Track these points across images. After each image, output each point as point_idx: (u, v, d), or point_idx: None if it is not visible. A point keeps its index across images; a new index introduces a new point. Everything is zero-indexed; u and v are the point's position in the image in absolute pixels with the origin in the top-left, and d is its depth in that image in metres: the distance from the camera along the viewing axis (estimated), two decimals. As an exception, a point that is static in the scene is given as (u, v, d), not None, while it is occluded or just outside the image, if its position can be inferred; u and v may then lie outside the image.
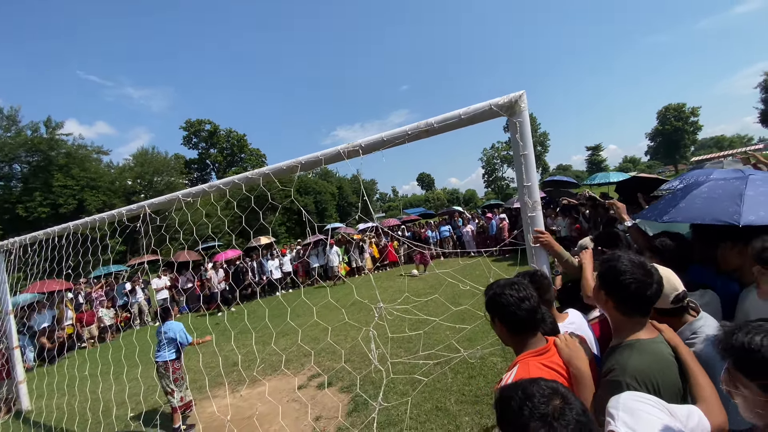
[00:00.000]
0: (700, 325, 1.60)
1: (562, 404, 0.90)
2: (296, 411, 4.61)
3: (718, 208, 2.06)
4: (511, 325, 1.50)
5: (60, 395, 5.81)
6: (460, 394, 4.23)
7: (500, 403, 0.98)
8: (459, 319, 6.15)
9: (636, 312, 1.40)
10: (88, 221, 4.68)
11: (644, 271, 1.38)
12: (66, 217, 21.94)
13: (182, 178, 39.76)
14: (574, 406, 0.91)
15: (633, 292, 1.36)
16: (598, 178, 14.00)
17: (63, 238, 4.95)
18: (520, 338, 1.51)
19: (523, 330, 1.50)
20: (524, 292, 1.47)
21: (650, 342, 1.38)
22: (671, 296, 1.57)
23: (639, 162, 79.71)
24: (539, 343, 1.50)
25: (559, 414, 0.88)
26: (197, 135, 46.97)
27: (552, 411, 0.89)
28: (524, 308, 1.45)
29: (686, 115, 59.92)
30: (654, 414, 1.06)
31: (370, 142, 2.80)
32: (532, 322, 1.49)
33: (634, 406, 1.08)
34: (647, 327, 1.42)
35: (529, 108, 2.43)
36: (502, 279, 1.62)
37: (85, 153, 28.56)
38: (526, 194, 2.43)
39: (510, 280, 1.57)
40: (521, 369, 1.39)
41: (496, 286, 1.55)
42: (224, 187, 3.62)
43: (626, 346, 1.37)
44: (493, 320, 1.56)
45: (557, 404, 0.90)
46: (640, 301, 1.38)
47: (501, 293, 1.49)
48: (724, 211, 2.00)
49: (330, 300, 8.73)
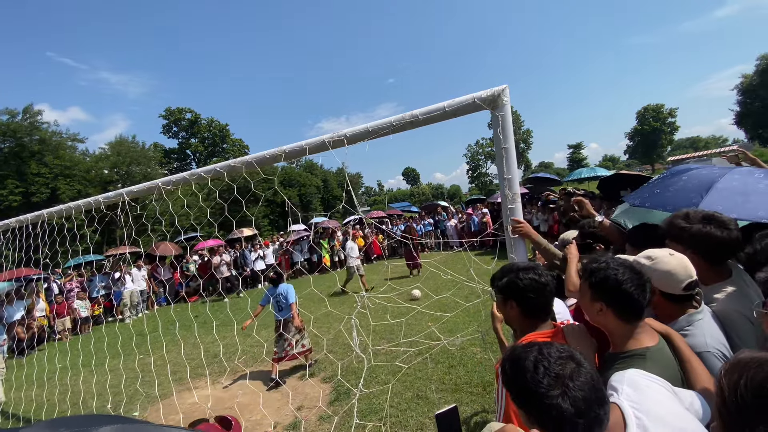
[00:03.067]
0: (699, 318, 1.54)
1: (577, 367, 0.90)
2: (278, 401, 4.63)
3: (682, 197, 2.09)
4: (528, 308, 1.52)
5: (35, 386, 5.67)
6: (440, 382, 4.32)
7: (512, 362, 0.97)
8: (440, 308, 6.25)
9: (639, 317, 1.36)
10: (63, 209, 4.54)
11: (638, 273, 1.36)
12: (39, 206, 21.11)
13: (161, 168, 38.76)
14: (588, 370, 0.91)
15: (637, 299, 1.32)
16: (584, 173, 14.29)
17: (37, 226, 4.80)
18: (532, 321, 1.53)
19: (537, 315, 1.52)
20: (545, 278, 1.49)
21: (657, 350, 1.34)
22: (684, 282, 1.51)
23: (618, 161, 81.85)
24: (546, 327, 1.53)
25: (575, 376, 0.88)
26: (177, 124, 45.68)
27: (568, 373, 0.89)
28: (546, 294, 1.48)
29: (664, 115, 61.55)
30: (658, 392, 1.06)
31: (356, 132, 2.81)
32: (547, 307, 1.52)
33: (639, 381, 1.08)
34: (646, 330, 1.39)
35: (513, 106, 2.49)
36: (518, 262, 1.62)
37: (59, 140, 27.50)
38: (506, 186, 2.48)
39: (529, 264, 1.57)
40: None
41: (516, 268, 1.55)
42: (206, 176, 3.57)
43: (637, 356, 1.32)
44: (506, 301, 1.57)
45: (572, 367, 0.90)
46: (641, 306, 1.34)
47: (524, 277, 1.50)
48: (687, 201, 2.02)
49: (313, 289, 8.72)
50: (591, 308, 1.41)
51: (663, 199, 2.23)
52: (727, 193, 1.97)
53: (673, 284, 1.51)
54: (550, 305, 1.52)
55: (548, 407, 0.87)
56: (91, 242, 6.97)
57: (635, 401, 1.01)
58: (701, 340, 1.47)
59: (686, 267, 1.52)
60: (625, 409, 0.99)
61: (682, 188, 2.20)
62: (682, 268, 1.51)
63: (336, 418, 3.89)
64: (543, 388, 0.88)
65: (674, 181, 2.31)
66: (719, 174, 2.13)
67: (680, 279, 1.50)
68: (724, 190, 1.99)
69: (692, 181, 2.19)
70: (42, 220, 4.78)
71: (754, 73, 41.87)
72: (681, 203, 2.03)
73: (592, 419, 0.86)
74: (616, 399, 1.03)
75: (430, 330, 5.57)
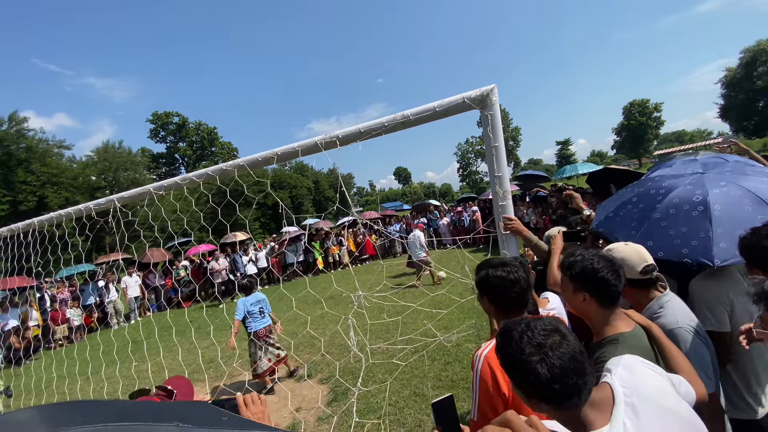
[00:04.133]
0: (667, 300, 1.69)
1: (560, 340, 0.97)
2: (276, 403, 4.63)
3: (625, 224, 2.15)
4: (500, 304, 1.58)
5: (32, 395, 5.60)
6: (437, 379, 4.37)
7: (502, 334, 1.04)
8: (435, 306, 6.31)
9: (615, 302, 1.45)
10: (54, 216, 4.49)
11: (610, 260, 1.46)
12: (27, 214, 20.79)
13: (150, 173, 38.35)
14: (571, 343, 0.97)
15: (614, 284, 1.42)
16: (567, 171, 14.52)
17: (28, 234, 4.74)
18: (506, 315, 1.58)
19: (510, 309, 1.57)
20: (515, 275, 1.53)
21: (632, 336, 1.43)
22: (640, 266, 1.66)
23: (606, 156, 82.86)
24: None
25: (556, 346, 0.95)
26: (165, 128, 45.22)
27: (549, 343, 0.96)
28: (515, 291, 1.52)
29: (650, 110, 62.43)
30: (652, 377, 1.10)
31: (348, 134, 2.84)
32: (520, 303, 1.56)
33: (635, 366, 1.12)
34: (622, 317, 1.49)
35: (501, 104, 2.54)
36: (495, 258, 1.66)
37: (46, 147, 27.10)
38: (497, 184, 2.53)
39: (503, 261, 1.61)
40: None
41: (489, 265, 1.59)
42: (197, 180, 3.56)
43: (611, 341, 1.42)
44: (482, 297, 1.63)
45: (555, 339, 0.97)
46: (618, 291, 1.43)
47: (494, 274, 1.55)
48: (627, 230, 2.09)
49: (309, 291, 8.72)
50: (574, 299, 1.51)
51: (611, 226, 2.26)
52: (660, 225, 1.99)
53: (630, 269, 1.65)
54: (522, 300, 1.56)
55: (527, 372, 0.95)
56: (82, 250, 6.87)
57: (627, 382, 1.05)
58: (672, 319, 1.62)
59: (640, 253, 1.69)
60: (616, 387, 1.04)
61: (629, 213, 2.21)
62: (636, 254, 1.68)
63: (335, 418, 3.92)
64: (524, 355, 0.96)
65: (627, 201, 2.30)
66: (664, 194, 2.10)
67: (635, 263, 1.66)
68: (658, 220, 2.01)
69: (639, 204, 2.20)
70: (33, 229, 4.72)
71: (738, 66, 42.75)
72: (623, 234, 2.09)
73: (569, 387, 0.93)
74: (609, 379, 1.08)
75: (426, 327, 5.63)
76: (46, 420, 0.52)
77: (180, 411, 0.66)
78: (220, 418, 0.63)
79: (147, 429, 0.53)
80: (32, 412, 0.56)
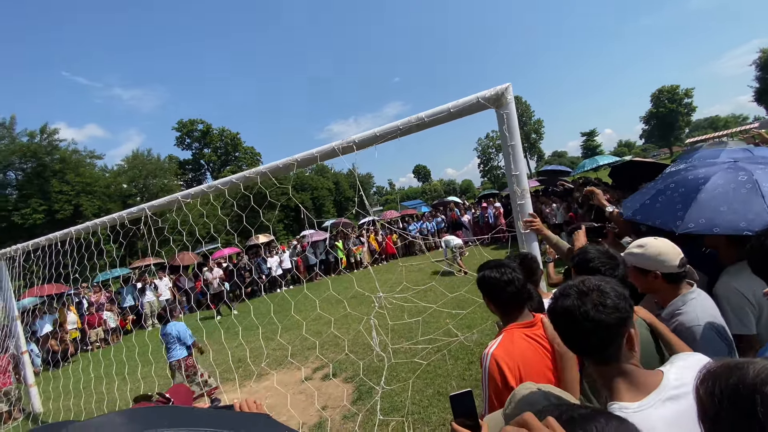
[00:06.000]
0: (693, 297, 1.65)
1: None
2: (303, 402, 4.74)
3: (669, 209, 2.11)
4: (498, 303, 1.64)
5: (71, 396, 5.94)
6: (460, 379, 4.36)
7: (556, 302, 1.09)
8: (457, 306, 6.30)
9: None
10: (90, 225, 4.76)
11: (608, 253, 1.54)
12: (63, 223, 21.91)
13: (177, 179, 39.63)
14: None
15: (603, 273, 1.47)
16: (587, 165, 14.19)
17: (66, 243, 5.02)
18: (507, 312, 1.64)
19: (509, 307, 1.63)
20: (509, 276, 1.58)
21: None
22: (677, 260, 1.64)
23: (634, 146, 79.92)
24: (526, 318, 1.62)
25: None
26: (190, 135, 46.66)
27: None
28: (509, 291, 1.57)
29: (680, 96, 59.97)
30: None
31: (364, 138, 2.90)
32: (516, 302, 1.61)
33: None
34: None
35: (523, 96, 2.55)
36: (492, 260, 1.71)
37: (79, 158, 28.43)
38: (514, 183, 2.54)
39: (499, 262, 1.66)
40: (506, 338, 1.53)
41: (486, 267, 1.66)
42: (222, 187, 3.71)
43: None
44: (484, 297, 1.70)
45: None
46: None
47: (489, 276, 1.61)
48: (672, 214, 2.05)
49: (332, 292, 8.86)
50: None
51: (651, 212, 2.22)
52: (711, 204, 1.95)
53: (669, 263, 1.63)
54: (518, 299, 1.61)
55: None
56: (116, 256, 7.22)
57: (683, 380, 1.05)
58: (692, 316, 1.59)
59: (673, 245, 1.67)
60: (668, 378, 1.06)
61: (669, 199, 2.18)
62: (671, 247, 1.66)
63: (360, 416, 3.99)
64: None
65: (664, 189, 2.28)
66: (704, 178, 2.08)
67: (672, 257, 1.64)
68: (707, 200, 1.97)
69: (679, 189, 2.17)
70: (70, 237, 5.01)
71: (774, 46, 40.41)
72: (667, 217, 2.07)
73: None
74: (666, 368, 1.11)
75: (448, 327, 5.63)
76: (136, 421, 0.61)
77: (247, 421, 0.74)
78: (280, 431, 0.70)
79: None
80: (121, 415, 0.63)
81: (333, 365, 5.50)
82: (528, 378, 1.40)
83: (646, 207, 2.28)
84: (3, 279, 6.11)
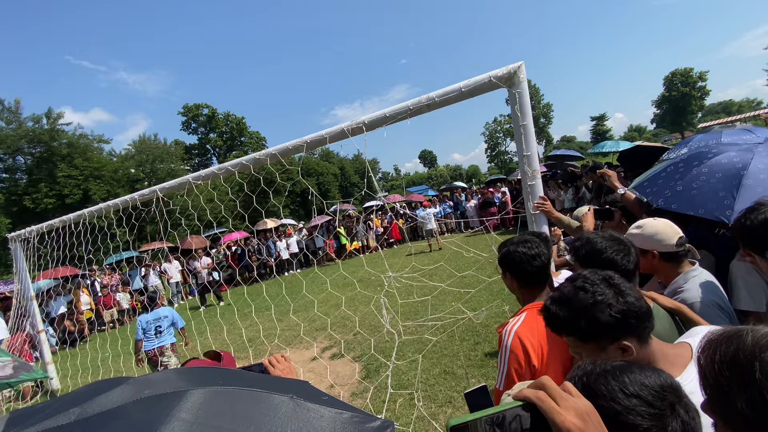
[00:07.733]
0: (695, 275, 1.67)
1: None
2: (313, 379, 4.86)
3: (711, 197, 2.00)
4: (522, 279, 1.61)
5: (88, 371, 6.13)
6: (466, 359, 4.45)
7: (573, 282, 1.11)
8: (464, 285, 6.37)
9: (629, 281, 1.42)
10: (102, 207, 4.83)
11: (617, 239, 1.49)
12: (73, 207, 22.16)
13: (183, 164, 39.77)
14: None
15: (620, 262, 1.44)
16: (596, 148, 14.11)
17: (79, 224, 5.12)
18: (529, 291, 1.62)
19: (532, 284, 1.61)
20: (536, 250, 1.56)
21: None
22: (675, 239, 1.66)
23: (645, 130, 78.34)
24: (545, 296, 1.60)
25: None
26: (195, 120, 46.64)
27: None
28: (535, 265, 1.55)
29: (693, 80, 58.38)
30: None
31: (374, 119, 2.90)
32: (541, 277, 1.60)
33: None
34: None
35: (532, 79, 2.53)
36: (515, 236, 1.70)
37: (86, 142, 28.54)
38: (525, 163, 2.53)
39: (523, 237, 1.64)
40: (529, 315, 1.50)
41: (510, 243, 1.64)
42: (233, 169, 3.73)
43: None
44: (505, 273, 1.67)
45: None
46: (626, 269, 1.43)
47: (515, 250, 1.59)
48: (718, 202, 1.94)
49: (342, 272, 8.96)
50: None
51: (690, 201, 2.10)
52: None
53: (666, 242, 1.67)
54: (543, 274, 1.59)
55: None
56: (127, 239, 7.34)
57: None
58: (694, 293, 1.60)
59: (671, 225, 1.71)
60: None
61: (707, 184, 2.06)
62: (669, 227, 1.70)
63: (371, 389, 4.10)
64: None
65: (694, 174, 2.17)
66: (739, 161, 2.00)
67: (669, 236, 1.67)
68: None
69: (715, 174, 2.06)
70: (83, 219, 5.10)
71: (792, 28, 39.08)
72: (713, 205, 1.96)
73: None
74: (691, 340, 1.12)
75: (455, 307, 5.70)
76: (192, 379, 0.66)
77: (292, 386, 0.78)
78: (320, 397, 0.74)
79: (267, 396, 0.66)
80: (177, 372, 0.68)
81: (342, 344, 5.62)
82: (551, 358, 1.39)
83: (680, 194, 2.17)
84: (18, 260, 6.26)
